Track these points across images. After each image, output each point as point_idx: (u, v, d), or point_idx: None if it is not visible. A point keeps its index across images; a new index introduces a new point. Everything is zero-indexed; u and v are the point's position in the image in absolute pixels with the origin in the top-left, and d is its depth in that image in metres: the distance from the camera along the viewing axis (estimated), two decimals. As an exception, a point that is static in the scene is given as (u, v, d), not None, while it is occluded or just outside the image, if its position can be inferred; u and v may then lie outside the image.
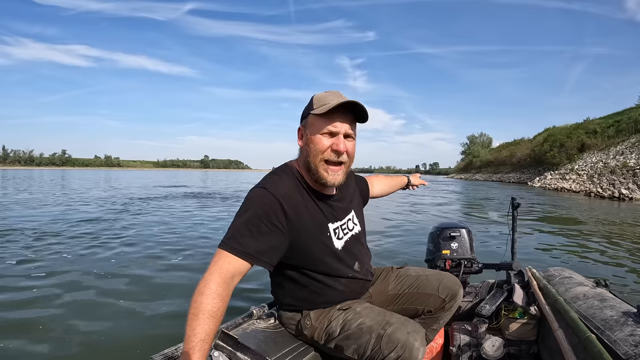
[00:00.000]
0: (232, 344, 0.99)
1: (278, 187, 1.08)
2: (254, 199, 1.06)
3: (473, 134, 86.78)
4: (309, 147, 1.12)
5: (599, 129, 34.34)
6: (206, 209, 10.59)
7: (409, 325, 1.08)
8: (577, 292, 1.54)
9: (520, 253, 2.14)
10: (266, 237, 1.02)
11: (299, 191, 1.13)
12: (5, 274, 3.81)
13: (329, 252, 1.17)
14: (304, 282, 1.18)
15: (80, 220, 7.68)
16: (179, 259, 4.58)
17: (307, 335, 1.21)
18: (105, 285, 3.54)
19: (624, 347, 1.08)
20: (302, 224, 1.10)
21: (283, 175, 1.14)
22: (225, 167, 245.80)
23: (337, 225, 1.21)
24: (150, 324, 2.75)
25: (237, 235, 1.00)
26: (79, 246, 5.18)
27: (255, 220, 1.02)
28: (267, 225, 1.03)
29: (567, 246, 5.75)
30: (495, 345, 1.60)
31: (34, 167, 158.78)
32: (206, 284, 0.91)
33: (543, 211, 10.94)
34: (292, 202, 1.08)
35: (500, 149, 66.88)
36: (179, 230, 6.80)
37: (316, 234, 1.14)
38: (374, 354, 1.05)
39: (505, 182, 41.60)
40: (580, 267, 4.35)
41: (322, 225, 1.16)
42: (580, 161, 30.87)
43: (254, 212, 1.03)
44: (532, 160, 44.21)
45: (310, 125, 1.12)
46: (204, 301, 0.88)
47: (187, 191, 18.58)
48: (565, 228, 7.76)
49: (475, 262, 1.85)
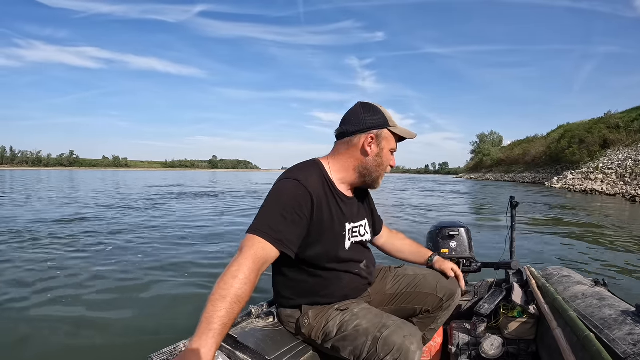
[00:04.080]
0: (231, 343, 0.99)
1: (309, 180, 1.12)
2: (287, 190, 1.09)
3: (483, 133, 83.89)
4: (379, 157, 1.20)
5: (622, 124, 31.57)
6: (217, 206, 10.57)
7: (406, 328, 1.07)
8: (575, 291, 1.54)
9: (519, 252, 2.14)
10: (297, 227, 1.06)
11: (324, 188, 1.16)
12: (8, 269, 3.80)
13: (341, 248, 1.20)
14: (309, 274, 1.19)
15: (61, 220, 7.67)
16: (177, 260, 4.58)
17: (305, 334, 1.21)
18: (104, 284, 3.54)
19: (623, 346, 1.08)
20: (324, 218, 1.13)
21: (312, 170, 1.18)
22: (234, 168, 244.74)
23: (352, 226, 1.24)
24: (148, 323, 2.75)
25: (272, 223, 1.02)
26: (73, 247, 5.18)
27: (289, 209, 1.05)
28: (299, 215, 1.06)
29: (566, 245, 5.75)
30: (494, 344, 1.60)
31: (42, 167, 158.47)
32: (240, 268, 0.91)
33: (598, 224, 8.27)
34: (320, 197, 1.12)
35: (512, 147, 63.87)
36: (181, 229, 6.79)
37: (334, 230, 1.17)
38: (370, 357, 1.05)
39: (519, 182, 39.55)
40: (578, 266, 4.36)
41: (340, 223, 1.19)
42: (603, 158, 28.29)
43: (288, 202, 1.06)
44: (548, 158, 41.66)
45: (384, 140, 1.20)
46: (235, 285, 0.88)
47: (189, 191, 18.56)
48: (570, 228, 7.76)
49: (474, 261, 1.85)
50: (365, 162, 1.20)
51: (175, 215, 8.96)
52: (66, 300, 3.13)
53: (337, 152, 1.22)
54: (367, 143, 1.18)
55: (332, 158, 1.22)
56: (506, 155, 60.71)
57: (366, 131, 1.18)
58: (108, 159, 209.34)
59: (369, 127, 1.18)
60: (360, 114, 1.19)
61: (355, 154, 1.20)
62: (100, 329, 2.61)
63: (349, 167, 1.21)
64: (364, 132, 1.18)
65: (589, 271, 4.14)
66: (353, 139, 1.19)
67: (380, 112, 1.20)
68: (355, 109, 1.21)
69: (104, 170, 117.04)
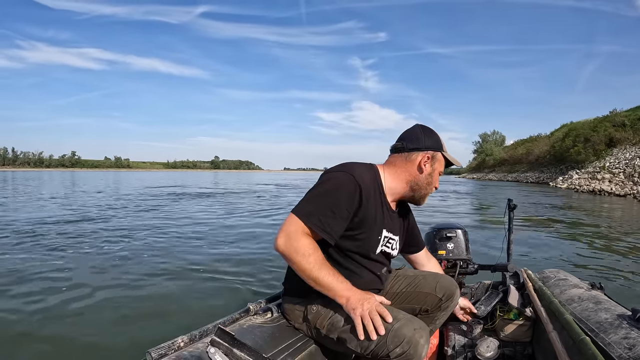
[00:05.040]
0: (228, 340, 0.98)
1: (363, 177, 1.18)
2: (341, 183, 1.15)
3: (485, 132, 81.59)
4: (430, 176, 1.28)
5: (628, 122, 30.83)
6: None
7: (416, 322, 1.09)
8: (572, 294, 1.54)
9: (516, 254, 2.14)
10: (344, 221, 1.14)
11: (375, 190, 1.23)
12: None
13: (373, 249, 1.25)
14: (336, 262, 1.21)
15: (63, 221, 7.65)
16: (184, 259, 4.57)
17: (311, 323, 1.21)
18: (105, 281, 3.54)
19: (618, 350, 1.08)
20: (368, 216, 1.19)
21: (367, 170, 1.23)
22: (236, 168, 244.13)
23: (389, 235, 1.30)
24: (146, 318, 2.75)
25: (320, 215, 1.11)
26: (81, 244, 5.16)
27: (340, 203, 1.13)
28: (348, 209, 1.14)
29: (563, 248, 5.76)
30: (490, 346, 1.61)
31: (44, 168, 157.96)
32: (303, 246, 1.07)
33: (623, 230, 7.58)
34: (369, 195, 1.18)
35: (515, 147, 62.59)
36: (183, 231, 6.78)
37: (373, 230, 1.22)
38: (378, 349, 1.05)
39: (523, 181, 38.82)
40: (576, 269, 4.37)
41: (379, 226, 1.25)
42: (610, 157, 27.76)
43: (340, 195, 1.13)
44: (552, 157, 40.65)
45: (437, 162, 1.29)
46: (314, 255, 1.08)
47: (189, 192, 18.54)
48: (565, 229, 7.78)
49: (471, 263, 1.85)
50: (419, 178, 1.28)
51: (175, 215, 8.95)
52: (66, 296, 3.13)
53: (393, 163, 1.30)
54: (423, 161, 1.27)
55: (388, 167, 1.30)
56: (509, 154, 59.52)
57: (424, 150, 1.27)
58: (110, 159, 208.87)
59: (427, 147, 1.27)
60: (420, 134, 1.29)
61: (411, 169, 1.27)
62: (99, 324, 2.62)
63: (403, 179, 1.28)
64: (422, 150, 1.27)
65: (588, 274, 4.14)
66: (411, 155, 1.27)
67: (437, 137, 1.30)
68: (415, 129, 1.31)
69: (105, 171, 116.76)
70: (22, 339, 2.41)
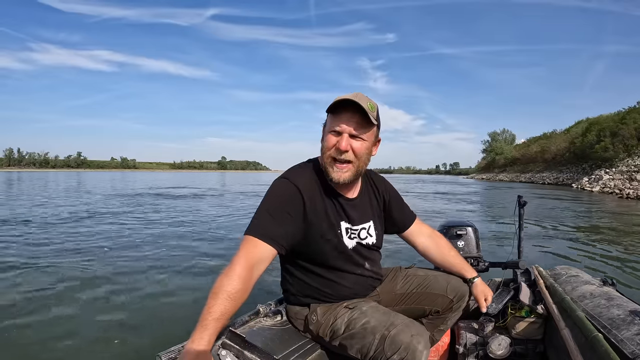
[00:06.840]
0: (239, 343, 1.00)
1: (299, 178, 1.14)
2: (276, 189, 1.13)
3: (495, 131, 79.14)
4: (322, 144, 1.16)
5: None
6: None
7: (414, 327, 1.07)
8: (583, 290, 1.53)
9: (527, 251, 2.13)
10: (286, 225, 1.08)
11: (319, 185, 1.17)
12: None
13: (339, 248, 1.21)
14: (314, 274, 1.21)
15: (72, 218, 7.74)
16: (194, 260, 4.61)
17: (313, 331, 1.22)
18: (114, 283, 3.59)
19: (631, 347, 1.08)
20: (318, 215, 1.15)
21: (306, 168, 1.20)
22: (243, 169, 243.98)
23: (349, 226, 1.23)
24: (157, 322, 2.79)
25: (261, 222, 1.06)
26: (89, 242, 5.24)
27: (277, 207, 1.09)
28: (288, 212, 1.09)
29: (575, 244, 5.70)
30: (501, 344, 1.60)
31: (49, 169, 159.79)
32: (231, 266, 0.97)
33: None
34: (311, 194, 1.14)
35: (528, 144, 58.56)
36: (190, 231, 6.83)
37: (329, 228, 1.18)
38: (377, 355, 1.05)
39: (538, 182, 34.87)
40: (586, 267, 4.32)
41: (335, 221, 1.19)
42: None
43: (276, 200, 1.10)
44: (572, 155, 36.82)
45: (326, 124, 1.16)
46: (225, 282, 0.93)
47: (189, 192, 18.64)
48: (578, 228, 7.68)
49: (481, 261, 1.84)
50: (321, 151, 1.16)
51: (182, 216, 9.02)
52: (76, 299, 3.18)
53: None
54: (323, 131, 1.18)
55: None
56: (521, 153, 55.97)
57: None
58: (116, 160, 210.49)
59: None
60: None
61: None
62: (110, 328, 2.65)
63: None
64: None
65: (600, 270, 4.09)
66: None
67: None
68: None
69: (111, 172, 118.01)
70: (33, 342, 2.44)
